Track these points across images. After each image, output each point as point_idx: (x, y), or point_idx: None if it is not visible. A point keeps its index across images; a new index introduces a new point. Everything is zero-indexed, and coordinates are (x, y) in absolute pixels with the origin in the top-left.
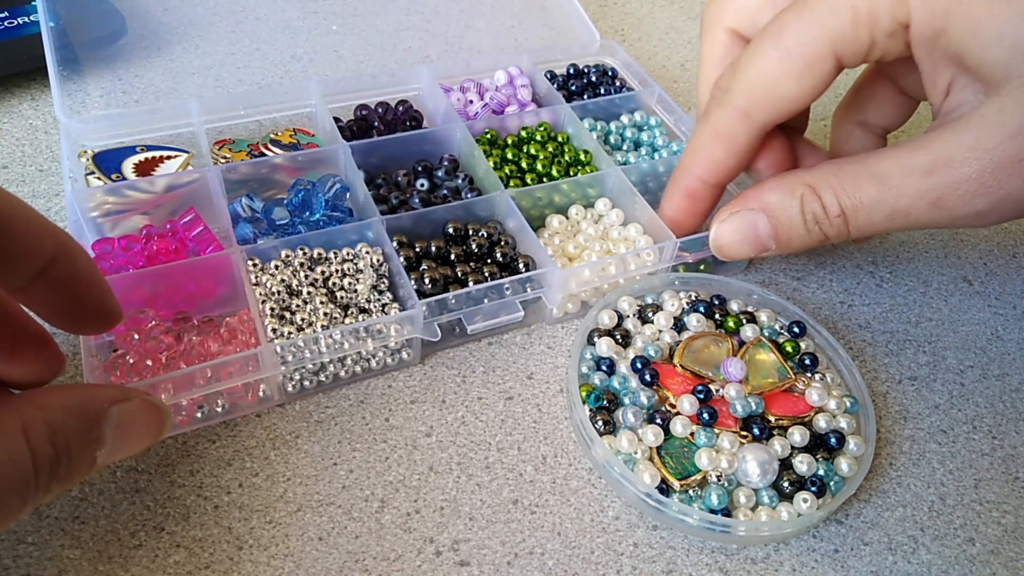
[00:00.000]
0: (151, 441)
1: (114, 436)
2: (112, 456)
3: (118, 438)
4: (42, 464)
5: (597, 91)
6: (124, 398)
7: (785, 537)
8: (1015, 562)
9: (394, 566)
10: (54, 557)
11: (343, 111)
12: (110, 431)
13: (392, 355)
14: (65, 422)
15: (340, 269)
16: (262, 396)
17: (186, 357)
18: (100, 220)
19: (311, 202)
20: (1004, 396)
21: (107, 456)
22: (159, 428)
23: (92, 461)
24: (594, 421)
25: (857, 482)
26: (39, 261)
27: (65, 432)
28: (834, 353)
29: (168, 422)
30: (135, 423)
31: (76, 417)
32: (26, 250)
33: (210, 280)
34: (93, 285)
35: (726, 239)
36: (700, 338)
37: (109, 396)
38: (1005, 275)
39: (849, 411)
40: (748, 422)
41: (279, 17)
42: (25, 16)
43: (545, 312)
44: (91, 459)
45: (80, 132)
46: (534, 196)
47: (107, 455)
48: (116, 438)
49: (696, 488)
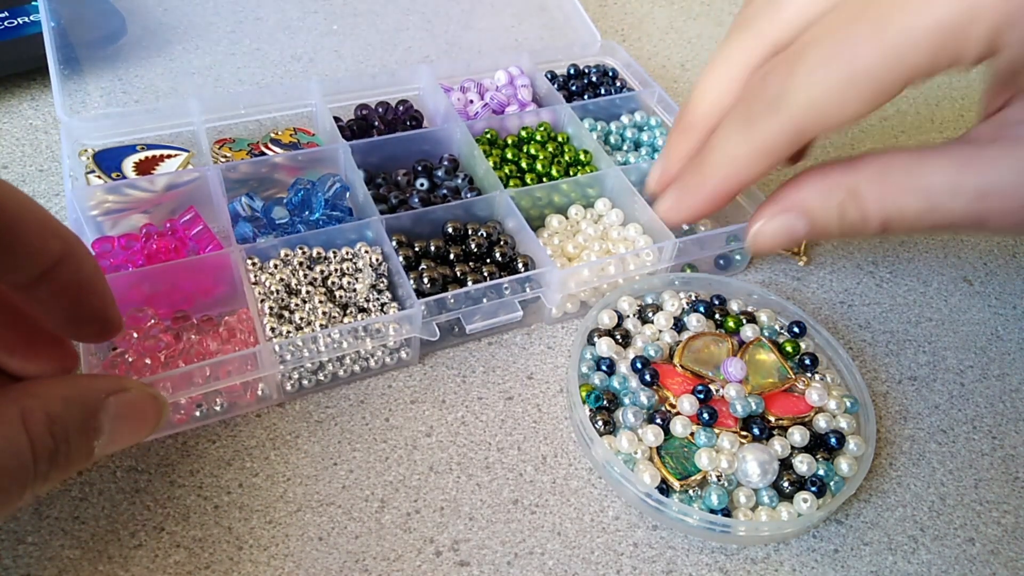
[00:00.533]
0: (148, 431)
1: (111, 426)
2: (110, 446)
3: (115, 428)
4: (41, 453)
5: (597, 91)
6: (121, 388)
7: (785, 537)
8: (1015, 562)
9: (394, 566)
10: (54, 557)
11: (343, 111)
12: (107, 421)
13: (391, 355)
14: (64, 412)
15: (339, 268)
16: (260, 395)
17: (185, 356)
18: (100, 219)
19: (311, 201)
20: (1004, 396)
21: (105, 446)
22: (156, 418)
23: (90, 450)
24: (594, 421)
25: (857, 482)
26: (45, 260)
27: (64, 421)
28: (834, 353)
29: (164, 412)
30: (132, 413)
31: (74, 407)
32: (33, 248)
33: (209, 279)
34: (96, 291)
35: (766, 243)
36: (700, 338)
37: (106, 386)
38: (1005, 275)
39: (849, 411)
40: (748, 422)
41: (279, 17)
42: (25, 16)
43: (544, 312)
44: (89, 448)
45: (80, 131)
46: (534, 196)
47: (105, 445)
48: (113, 428)
49: (696, 488)
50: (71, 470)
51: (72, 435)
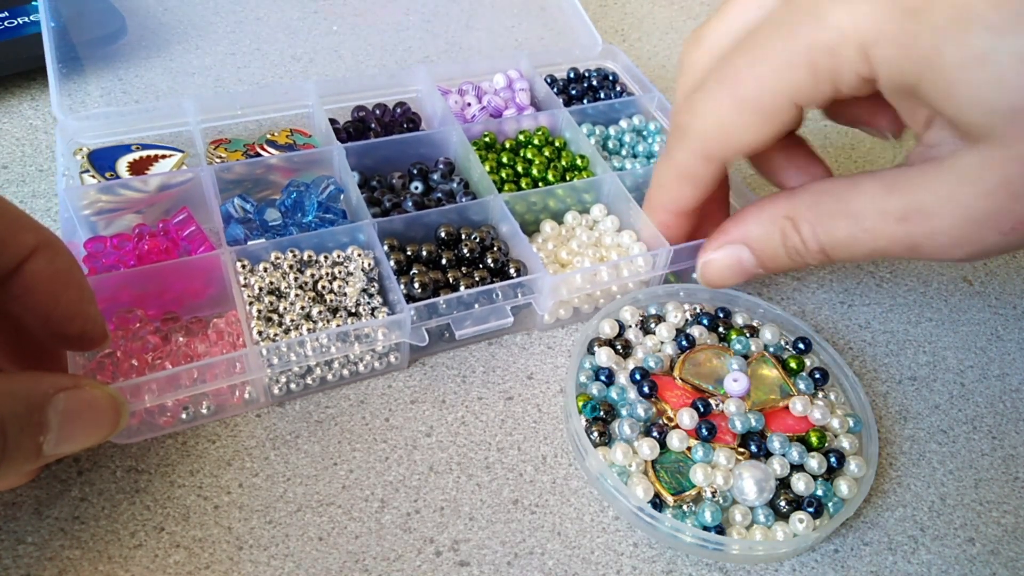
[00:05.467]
0: (107, 432)
1: (61, 422)
2: (62, 444)
3: (66, 425)
4: None
5: (597, 96)
6: (73, 386)
7: (779, 558)
8: (1015, 562)
9: (394, 566)
10: (54, 557)
11: (342, 112)
12: (55, 417)
13: (380, 359)
14: (3, 404)
15: (330, 272)
16: (248, 398)
17: (172, 358)
18: (93, 218)
19: (304, 203)
20: (1004, 396)
21: (56, 444)
22: (114, 419)
23: (36, 447)
24: (589, 432)
25: (856, 504)
26: (18, 252)
27: (2, 414)
28: (839, 370)
29: (124, 413)
30: (85, 411)
31: (16, 400)
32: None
33: (199, 280)
34: (73, 283)
35: (714, 274)
36: (702, 351)
37: (55, 383)
38: (1005, 275)
39: (851, 431)
40: (746, 439)
41: (279, 17)
42: (25, 16)
43: (536, 318)
44: (34, 445)
45: (76, 130)
46: (528, 201)
47: (55, 443)
48: (64, 425)
49: (690, 504)
50: (14, 466)
51: (10, 429)
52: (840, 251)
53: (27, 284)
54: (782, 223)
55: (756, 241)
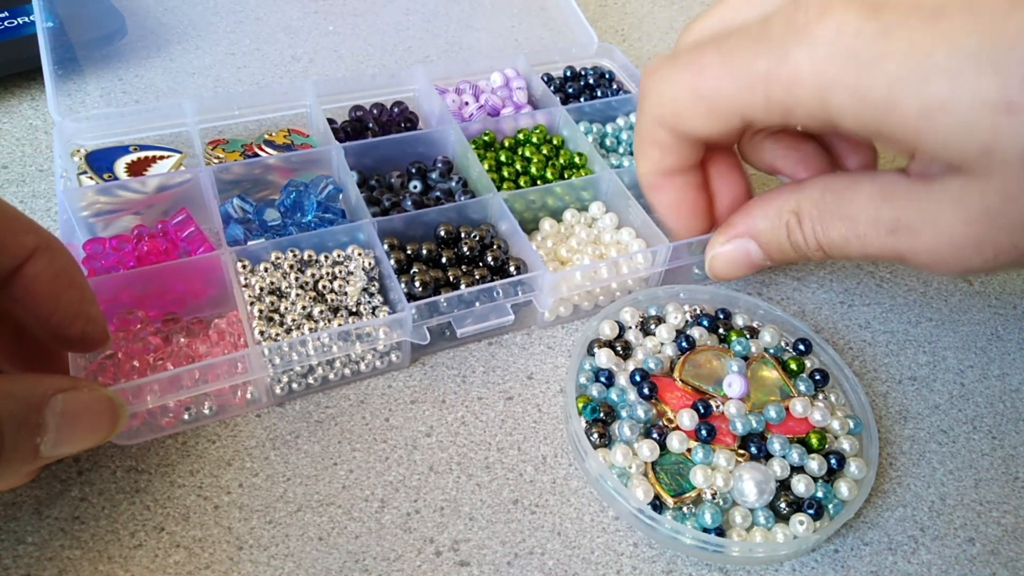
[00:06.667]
0: (105, 433)
1: (59, 424)
2: (60, 446)
3: (64, 427)
4: None
5: (594, 94)
6: (71, 387)
7: (780, 559)
8: (1015, 562)
9: (394, 566)
10: (54, 557)
11: (340, 112)
12: (53, 418)
13: (381, 358)
14: (1, 405)
15: (330, 272)
16: (250, 398)
17: (174, 358)
18: (92, 220)
19: (303, 203)
20: (1004, 396)
21: (53, 445)
22: (112, 421)
23: (34, 449)
24: (589, 434)
25: (856, 506)
26: (18, 254)
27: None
28: (839, 371)
29: (123, 415)
30: (83, 413)
31: (13, 401)
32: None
33: (199, 281)
34: (74, 283)
35: (722, 268)
36: (702, 352)
37: (54, 384)
38: (1005, 275)
39: (852, 432)
40: (746, 440)
41: (279, 17)
42: (25, 16)
43: (537, 316)
44: (32, 446)
45: (74, 131)
46: (527, 199)
47: (53, 444)
48: (62, 426)
49: (690, 506)
50: (12, 467)
51: (8, 430)
52: (836, 251)
53: (27, 285)
54: (788, 217)
55: (763, 235)
